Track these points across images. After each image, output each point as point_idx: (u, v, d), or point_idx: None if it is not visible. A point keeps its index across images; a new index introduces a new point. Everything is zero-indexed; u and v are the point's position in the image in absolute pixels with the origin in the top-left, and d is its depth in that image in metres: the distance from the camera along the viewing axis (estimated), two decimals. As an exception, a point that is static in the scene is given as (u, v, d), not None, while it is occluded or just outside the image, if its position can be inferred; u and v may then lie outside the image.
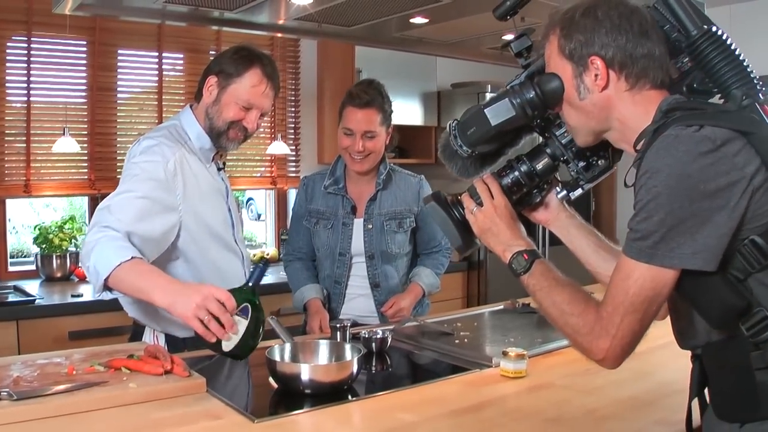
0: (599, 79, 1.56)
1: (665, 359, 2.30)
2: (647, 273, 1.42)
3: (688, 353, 1.61)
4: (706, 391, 1.58)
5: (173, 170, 2.41)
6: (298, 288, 3.16)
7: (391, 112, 3.11)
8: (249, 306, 2.12)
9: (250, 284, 2.20)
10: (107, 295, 2.22)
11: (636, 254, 1.43)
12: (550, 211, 1.92)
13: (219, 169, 2.70)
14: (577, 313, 1.55)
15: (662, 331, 1.70)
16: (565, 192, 1.86)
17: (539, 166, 1.79)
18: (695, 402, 1.60)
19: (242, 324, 2.08)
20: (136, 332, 2.64)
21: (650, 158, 1.41)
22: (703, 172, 1.35)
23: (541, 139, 1.83)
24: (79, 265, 4.55)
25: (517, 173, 1.80)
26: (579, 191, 1.83)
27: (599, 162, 1.77)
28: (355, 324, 2.94)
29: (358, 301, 3.14)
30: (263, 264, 2.25)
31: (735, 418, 1.47)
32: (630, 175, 1.53)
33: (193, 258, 2.51)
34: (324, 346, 2.35)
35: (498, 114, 1.68)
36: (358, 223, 3.11)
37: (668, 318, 1.63)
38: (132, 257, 2.13)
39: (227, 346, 2.08)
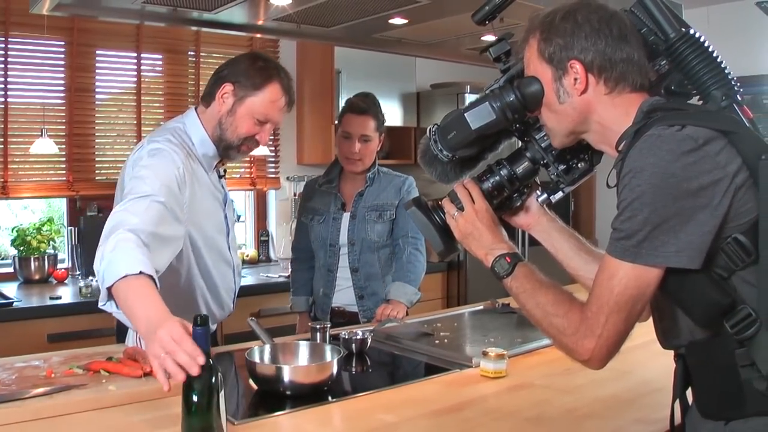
0: (578, 83, 1.56)
1: (645, 358, 2.32)
2: (632, 272, 1.42)
3: (668, 353, 1.62)
4: (688, 391, 1.59)
5: (182, 178, 2.33)
6: (293, 295, 3.57)
7: (384, 120, 3.43)
8: (219, 375, 1.65)
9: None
10: (111, 307, 1.93)
11: (620, 253, 1.43)
12: (530, 216, 1.92)
13: (220, 177, 2.67)
14: (562, 314, 1.55)
15: (642, 330, 1.70)
16: (545, 195, 1.85)
17: (519, 169, 1.79)
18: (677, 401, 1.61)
19: (222, 400, 1.65)
20: (120, 331, 2.61)
21: (633, 158, 1.42)
22: (686, 170, 1.36)
23: (520, 143, 1.83)
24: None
25: (497, 177, 1.80)
26: (560, 194, 1.83)
27: (579, 165, 1.77)
28: (343, 312, 3.35)
29: (344, 292, 3.38)
30: (201, 326, 1.63)
31: (720, 416, 1.48)
32: (612, 177, 1.54)
33: (186, 267, 2.46)
34: (304, 348, 2.35)
35: (478, 118, 1.68)
36: (346, 217, 3.39)
37: (650, 318, 1.64)
38: (140, 272, 1.85)
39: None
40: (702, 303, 1.43)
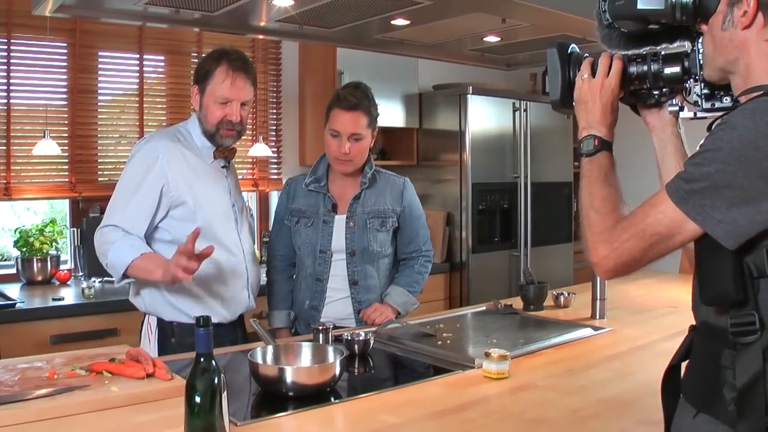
0: (746, 17, 1.46)
1: (646, 360, 2.32)
2: (671, 212, 1.42)
3: (668, 355, 1.62)
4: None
5: (160, 157, 2.68)
6: (271, 310, 3.24)
7: (377, 115, 3.12)
8: (222, 376, 1.63)
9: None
10: (126, 281, 2.65)
11: (672, 191, 1.42)
12: (659, 119, 1.83)
13: (223, 167, 2.91)
14: (603, 212, 1.57)
15: (642, 331, 1.71)
16: (677, 108, 1.79)
17: (668, 71, 1.73)
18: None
19: (224, 401, 1.64)
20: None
21: (736, 113, 1.38)
22: None
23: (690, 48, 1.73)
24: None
25: (644, 68, 1.75)
26: (689, 115, 1.76)
27: (724, 99, 1.67)
28: (334, 327, 2.89)
29: (337, 304, 3.10)
30: (203, 327, 1.63)
31: (694, 403, 1.49)
32: None
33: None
34: (306, 349, 2.34)
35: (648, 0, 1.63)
36: (339, 221, 3.10)
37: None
38: (141, 253, 2.56)
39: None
40: (715, 285, 1.41)
